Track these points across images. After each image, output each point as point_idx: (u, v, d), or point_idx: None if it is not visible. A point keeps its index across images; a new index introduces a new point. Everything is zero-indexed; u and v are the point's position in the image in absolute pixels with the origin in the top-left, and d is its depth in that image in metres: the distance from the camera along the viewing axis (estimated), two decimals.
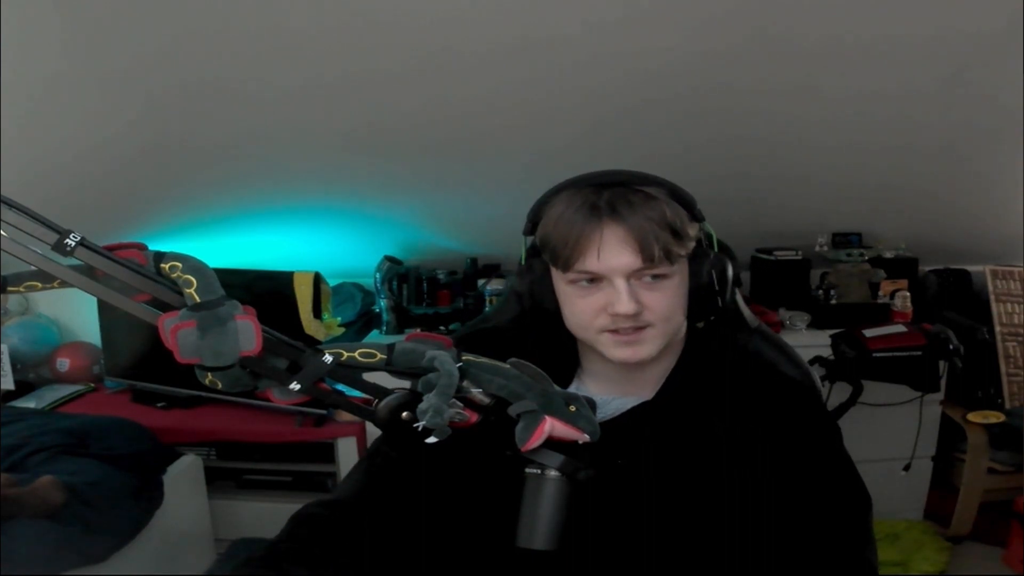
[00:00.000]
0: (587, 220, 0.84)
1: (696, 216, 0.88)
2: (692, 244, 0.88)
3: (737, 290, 1.10)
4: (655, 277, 0.85)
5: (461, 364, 0.76)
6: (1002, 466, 2.32)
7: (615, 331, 0.86)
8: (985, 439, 2.32)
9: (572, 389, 0.96)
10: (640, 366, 0.90)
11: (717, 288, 0.90)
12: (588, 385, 0.97)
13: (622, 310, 0.83)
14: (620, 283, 0.83)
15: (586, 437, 0.78)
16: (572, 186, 0.88)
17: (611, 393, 0.94)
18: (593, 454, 0.80)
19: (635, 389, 0.94)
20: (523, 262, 0.95)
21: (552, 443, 0.78)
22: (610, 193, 0.84)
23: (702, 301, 0.90)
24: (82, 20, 1.53)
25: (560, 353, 0.98)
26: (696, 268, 0.89)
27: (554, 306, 0.91)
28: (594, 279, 0.86)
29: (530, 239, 0.94)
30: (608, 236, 0.83)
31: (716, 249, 0.92)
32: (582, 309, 0.88)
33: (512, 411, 0.76)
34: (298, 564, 0.81)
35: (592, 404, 0.83)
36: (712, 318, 0.97)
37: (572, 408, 0.78)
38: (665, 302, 0.86)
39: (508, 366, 0.78)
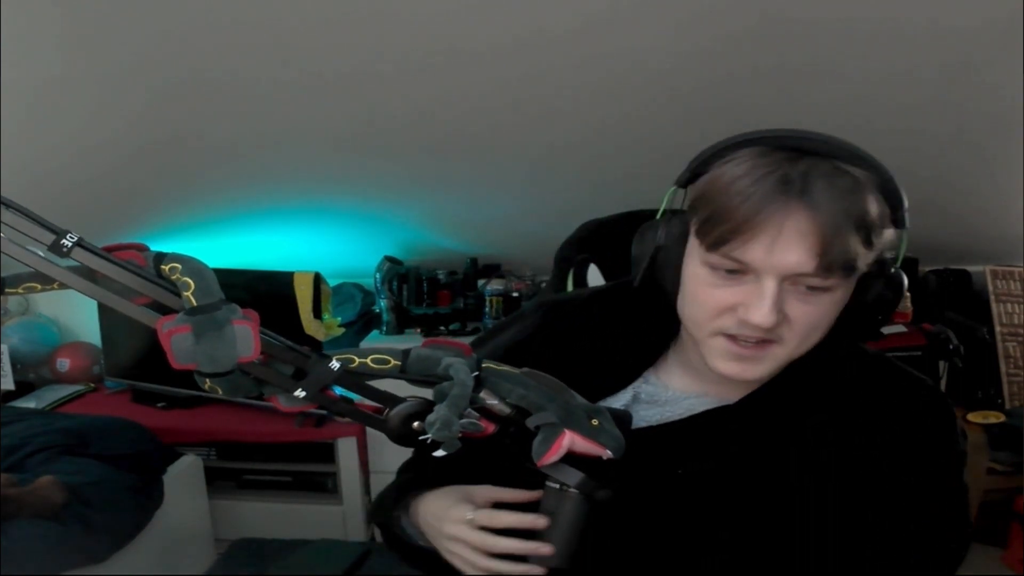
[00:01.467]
0: (770, 197, 0.63)
1: (899, 220, 0.69)
2: (876, 255, 0.68)
3: None
4: (816, 288, 0.66)
5: (479, 372, 0.72)
6: (1002, 466, 2.31)
7: (733, 337, 0.69)
8: (985, 439, 2.31)
9: (644, 380, 0.82)
10: None
11: (881, 315, 0.72)
12: (667, 377, 0.81)
13: (757, 320, 0.65)
14: (769, 285, 0.65)
15: (609, 453, 0.73)
16: (761, 142, 0.68)
17: (689, 389, 0.79)
18: (647, 460, 0.73)
19: (718, 390, 0.78)
20: (660, 217, 0.74)
21: (576, 458, 0.73)
22: (807, 165, 0.65)
23: (856, 324, 0.71)
24: (81, 20, 1.53)
25: (643, 335, 0.81)
26: (867, 283, 0.70)
27: (672, 285, 0.73)
28: (743, 271, 0.67)
29: (680, 192, 0.73)
30: (791, 225, 0.63)
31: (900, 264, 0.72)
32: (708, 301, 0.69)
33: (531, 423, 0.73)
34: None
35: (624, 418, 0.76)
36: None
37: (595, 422, 0.72)
38: (812, 318, 0.67)
39: (526, 375, 0.74)
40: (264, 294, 2.20)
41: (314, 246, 2.63)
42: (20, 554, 1.51)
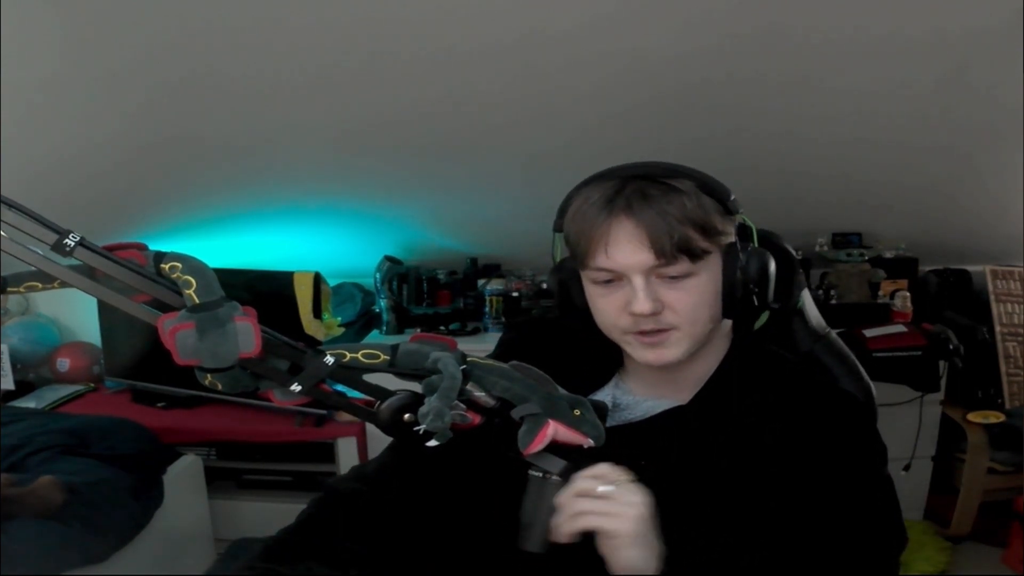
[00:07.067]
0: (598, 215, 0.80)
1: (730, 209, 0.84)
2: (725, 239, 0.83)
3: (807, 292, 1.07)
4: (676, 276, 0.80)
5: (465, 366, 0.75)
6: (1002, 466, 2.32)
7: (640, 332, 0.82)
8: (985, 439, 2.31)
9: (612, 386, 0.94)
10: (674, 368, 0.86)
11: (755, 286, 0.83)
12: (628, 383, 0.94)
13: (638, 309, 0.79)
14: (637, 281, 0.80)
15: (590, 442, 0.77)
16: (598, 179, 0.84)
17: (648, 394, 0.92)
18: (615, 455, 0.79)
19: (671, 392, 0.90)
20: (556, 259, 0.92)
21: (557, 447, 0.77)
22: (632, 186, 0.80)
23: (736, 300, 0.83)
24: (80, 19, 1.53)
25: (604, 348, 0.93)
26: (730, 264, 0.83)
27: (584, 305, 0.88)
28: (615, 277, 0.82)
29: (560, 235, 0.90)
30: (617, 232, 0.80)
31: (756, 243, 0.86)
32: (604, 308, 0.84)
33: (515, 414, 0.76)
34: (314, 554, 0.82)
35: (602, 409, 0.82)
36: (762, 318, 0.92)
37: (577, 412, 0.77)
38: (688, 301, 0.81)
39: (512, 368, 0.78)
40: (264, 294, 2.19)
41: (314, 246, 2.63)
42: (20, 554, 1.51)
